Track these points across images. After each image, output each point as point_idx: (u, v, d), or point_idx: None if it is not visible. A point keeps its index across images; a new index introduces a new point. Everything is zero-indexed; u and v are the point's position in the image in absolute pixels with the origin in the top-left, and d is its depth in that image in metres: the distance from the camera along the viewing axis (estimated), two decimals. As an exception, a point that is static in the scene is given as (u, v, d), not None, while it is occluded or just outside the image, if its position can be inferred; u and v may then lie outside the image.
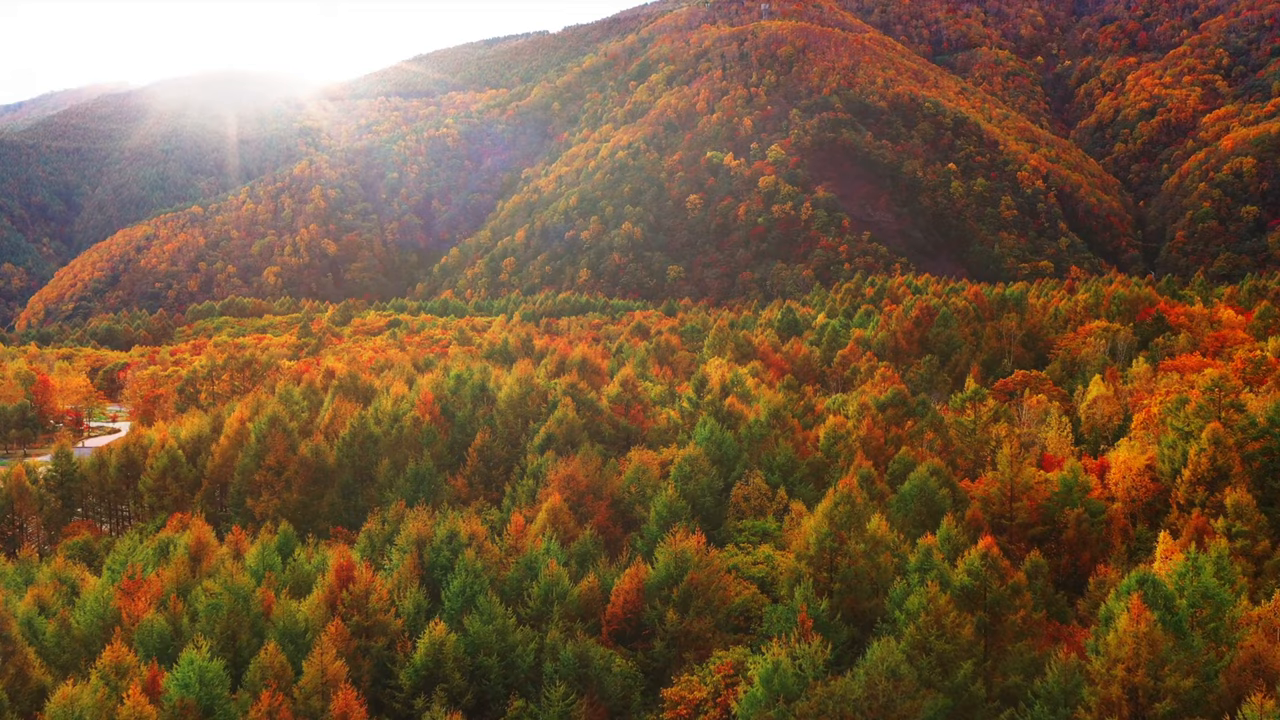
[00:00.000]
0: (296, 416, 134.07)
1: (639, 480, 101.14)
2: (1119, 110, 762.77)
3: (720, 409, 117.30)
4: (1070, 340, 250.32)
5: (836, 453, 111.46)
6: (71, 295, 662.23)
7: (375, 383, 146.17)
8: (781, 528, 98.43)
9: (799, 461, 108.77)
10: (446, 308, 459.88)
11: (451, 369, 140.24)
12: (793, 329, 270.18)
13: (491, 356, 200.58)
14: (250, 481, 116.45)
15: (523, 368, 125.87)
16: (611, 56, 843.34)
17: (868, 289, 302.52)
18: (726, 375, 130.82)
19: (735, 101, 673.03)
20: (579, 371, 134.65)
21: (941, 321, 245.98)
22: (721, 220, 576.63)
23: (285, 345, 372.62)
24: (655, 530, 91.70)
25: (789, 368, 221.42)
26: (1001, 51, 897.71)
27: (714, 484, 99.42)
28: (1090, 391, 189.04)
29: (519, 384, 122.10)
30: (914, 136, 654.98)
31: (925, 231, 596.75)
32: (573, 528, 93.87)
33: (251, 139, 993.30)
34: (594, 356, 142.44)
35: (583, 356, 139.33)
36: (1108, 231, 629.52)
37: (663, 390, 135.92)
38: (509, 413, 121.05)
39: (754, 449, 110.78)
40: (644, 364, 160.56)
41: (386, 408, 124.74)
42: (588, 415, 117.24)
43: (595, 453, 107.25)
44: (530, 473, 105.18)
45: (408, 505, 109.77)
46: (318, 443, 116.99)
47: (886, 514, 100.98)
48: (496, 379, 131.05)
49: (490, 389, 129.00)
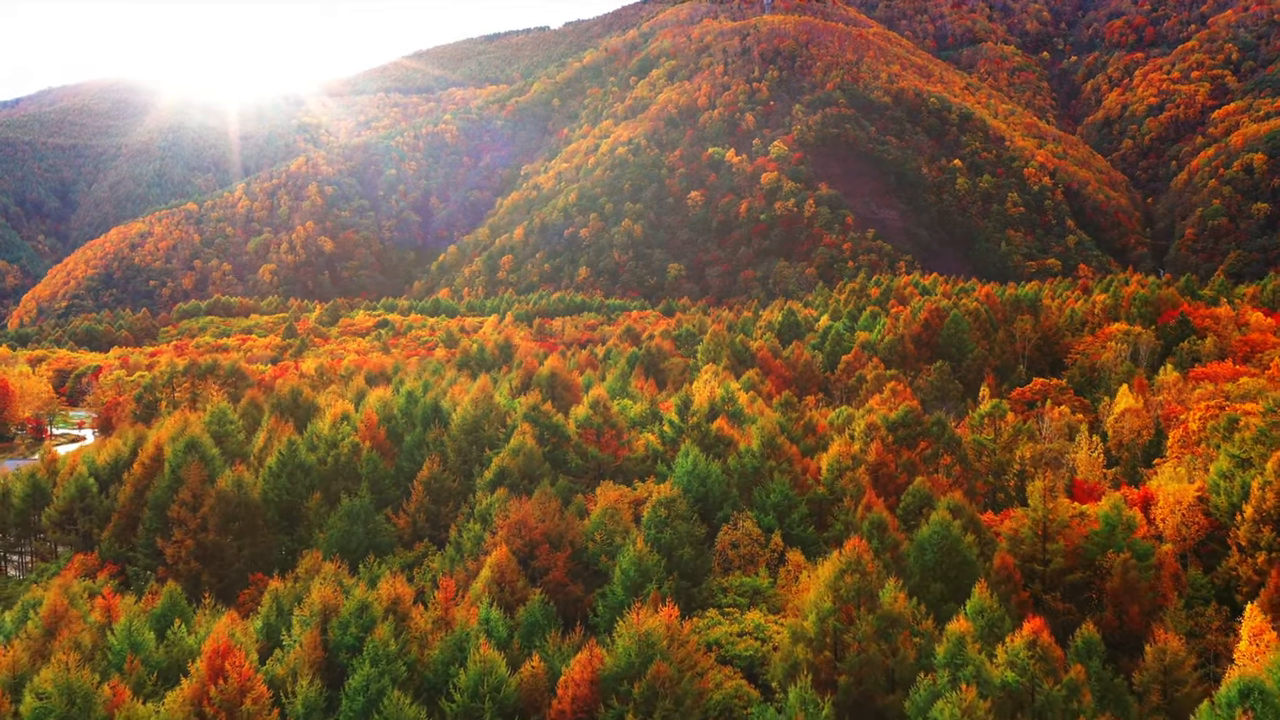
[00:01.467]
0: (229, 439, 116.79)
1: (606, 526, 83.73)
2: (1127, 106, 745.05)
3: (707, 434, 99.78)
4: (1089, 344, 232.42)
5: (842, 489, 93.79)
6: (65, 293, 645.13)
7: (319, 400, 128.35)
8: (775, 584, 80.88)
9: (797, 498, 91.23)
10: (438, 307, 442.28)
11: (404, 384, 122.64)
12: (794, 332, 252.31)
13: (467, 364, 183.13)
14: (161, 518, 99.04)
15: (482, 384, 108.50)
16: (612, 52, 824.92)
17: (873, 289, 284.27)
18: (716, 392, 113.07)
19: (737, 97, 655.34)
20: (547, 388, 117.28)
21: (952, 324, 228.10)
22: (723, 217, 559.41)
23: (269, 347, 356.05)
24: (620, 594, 74.39)
25: (790, 375, 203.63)
26: (1007, 47, 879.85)
27: (694, 531, 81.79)
28: (1118, 403, 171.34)
29: (475, 404, 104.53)
30: (919, 132, 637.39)
31: (930, 229, 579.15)
32: (521, 588, 76.45)
33: (250, 136, 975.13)
34: (564, 370, 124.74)
35: (551, 371, 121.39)
36: (1116, 229, 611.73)
37: (644, 409, 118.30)
38: (462, 438, 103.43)
39: (745, 484, 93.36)
40: (625, 378, 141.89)
41: (323, 431, 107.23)
42: (552, 442, 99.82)
43: (555, 491, 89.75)
44: (478, 515, 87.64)
45: (341, 549, 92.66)
46: (239, 474, 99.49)
47: (902, 566, 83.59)
48: (453, 397, 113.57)
49: (445, 409, 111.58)
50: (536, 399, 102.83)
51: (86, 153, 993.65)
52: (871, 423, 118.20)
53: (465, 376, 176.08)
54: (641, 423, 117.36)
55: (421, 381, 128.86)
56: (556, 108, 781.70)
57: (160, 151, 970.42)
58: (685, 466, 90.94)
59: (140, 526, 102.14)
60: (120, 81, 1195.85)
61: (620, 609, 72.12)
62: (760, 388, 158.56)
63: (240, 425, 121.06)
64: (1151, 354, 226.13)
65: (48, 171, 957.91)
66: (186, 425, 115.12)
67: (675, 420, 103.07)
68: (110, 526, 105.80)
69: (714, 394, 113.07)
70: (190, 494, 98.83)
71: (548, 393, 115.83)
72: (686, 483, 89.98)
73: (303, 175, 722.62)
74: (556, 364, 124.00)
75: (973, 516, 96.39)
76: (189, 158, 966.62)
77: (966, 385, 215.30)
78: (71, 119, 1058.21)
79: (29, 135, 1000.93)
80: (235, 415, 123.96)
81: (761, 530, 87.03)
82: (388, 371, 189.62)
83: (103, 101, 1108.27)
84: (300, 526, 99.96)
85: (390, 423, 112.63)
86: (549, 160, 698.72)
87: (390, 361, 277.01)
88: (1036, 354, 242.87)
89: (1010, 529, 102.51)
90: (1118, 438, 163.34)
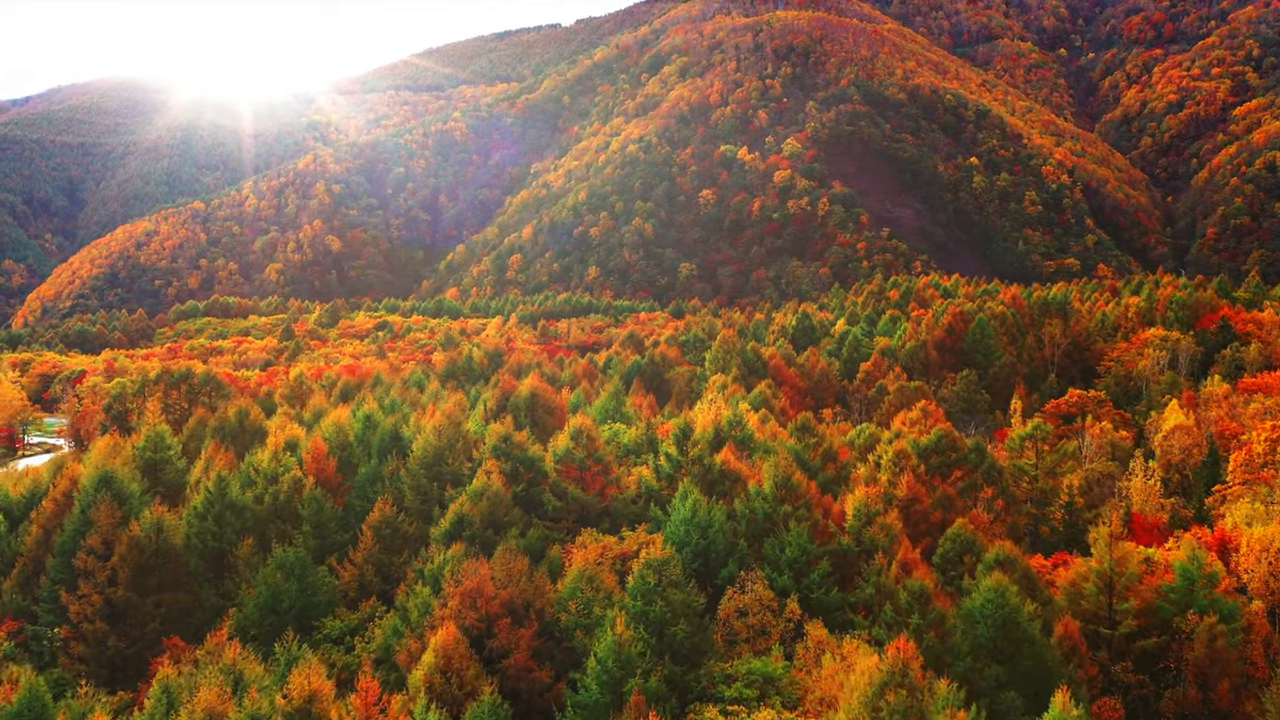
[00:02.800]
0: (166, 468, 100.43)
1: (582, 592, 67.29)
2: (1146, 103, 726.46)
3: (710, 469, 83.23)
4: (1123, 351, 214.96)
5: (870, 539, 77.06)
6: (70, 293, 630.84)
7: (268, 424, 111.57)
8: (791, 668, 64.28)
9: (818, 550, 74.68)
10: (441, 309, 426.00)
11: (365, 404, 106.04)
12: (809, 337, 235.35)
13: (454, 374, 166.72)
14: (67, 568, 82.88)
15: (449, 407, 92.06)
16: (623, 48, 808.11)
17: (892, 291, 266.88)
18: (722, 414, 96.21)
19: (750, 94, 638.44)
20: (525, 411, 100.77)
21: (977, 330, 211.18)
22: (735, 216, 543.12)
23: (264, 349, 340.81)
24: (596, 692, 58.03)
25: (804, 385, 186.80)
26: (1023, 44, 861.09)
27: (690, 601, 65.12)
28: (1166, 419, 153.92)
29: (437, 433, 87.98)
30: (935, 130, 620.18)
31: (946, 228, 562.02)
32: (472, 679, 59.77)
33: (260, 134, 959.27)
34: (547, 390, 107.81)
35: (532, 391, 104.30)
36: (1136, 228, 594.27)
37: (639, 436, 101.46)
38: (422, 474, 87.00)
39: (755, 534, 76.86)
40: (619, 397, 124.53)
41: (262, 463, 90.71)
42: (527, 479, 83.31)
43: (525, 544, 73.40)
44: (429, 575, 71.18)
45: (270, 610, 76.44)
46: (159, 516, 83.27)
47: (948, 643, 67.06)
48: (416, 422, 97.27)
49: (406, 437, 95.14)
50: (508, 428, 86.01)
51: (95, 151, 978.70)
52: (901, 450, 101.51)
53: (450, 388, 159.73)
54: (636, 450, 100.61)
55: (388, 400, 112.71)
56: (567, 105, 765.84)
57: (169, 150, 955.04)
58: (683, 513, 74.38)
59: (44, 577, 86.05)
60: (129, 80, 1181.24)
61: (595, 713, 55.93)
62: (773, 403, 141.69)
63: (179, 451, 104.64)
64: (1191, 361, 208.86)
65: (55, 170, 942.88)
66: (115, 451, 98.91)
67: (673, 453, 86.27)
68: (14, 575, 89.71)
69: (719, 417, 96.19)
70: (100, 539, 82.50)
71: (526, 417, 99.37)
72: (683, 534, 73.43)
73: (310, 173, 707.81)
74: (537, 383, 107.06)
75: (1027, 571, 79.88)
76: (198, 156, 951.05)
77: (993, 395, 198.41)
78: (80, 117, 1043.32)
79: (37, 133, 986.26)
80: (177, 439, 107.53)
81: (774, 593, 70.43)
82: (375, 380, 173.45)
83: (111, 100, 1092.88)
84: (229, 579, 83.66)
85: (345, 452, 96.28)
86: (559, 158, 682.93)
87: (384, 366, 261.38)
88: (1066, 361, 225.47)
89: (1069, 581, 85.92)
90: (1166, 458, 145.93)
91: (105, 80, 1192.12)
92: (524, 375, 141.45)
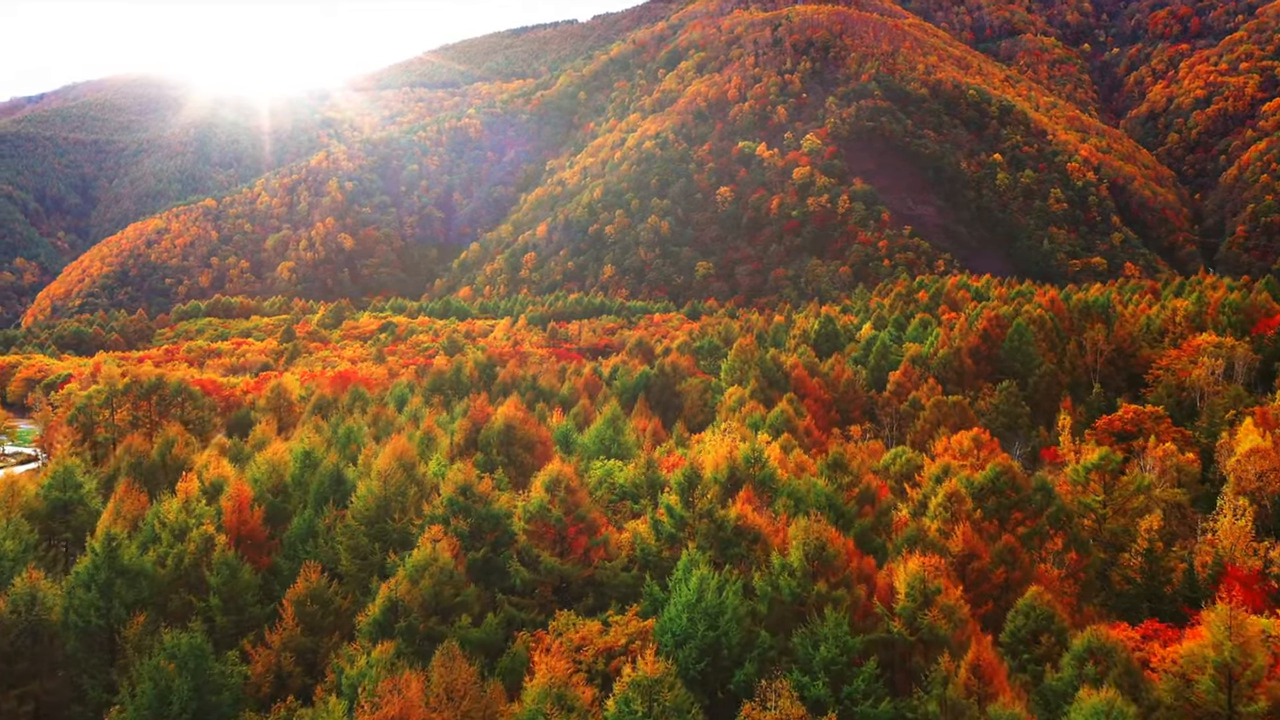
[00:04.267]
0: (74, 512, 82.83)
1: (548, 711, 49.24)
2: (1172, 99, 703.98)
3: (722, 527, 64.94)
4: (1174, 359, 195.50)
5: (929, 628, 58.69)
6: (79, 291, 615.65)
7: (196, 459, 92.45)
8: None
9: (860, 644, 56.55)
10: (448, 309, 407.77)
11: (300, 443, 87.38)
12: (832, 342, 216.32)
13: (440, 388, 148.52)
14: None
15: (400, 444, 73.83)
16: (640, 44, 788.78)
17: (920, 293, 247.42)
18: (737, 451, 77.89)
19: (768, 89, 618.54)
20: (499, 446, 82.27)
21: (1015, 335, 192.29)
22: (753, 214, 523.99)
23: (263, 351, 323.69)
24: None
25: (829, 397, 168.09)
26: (1047, 39, 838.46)
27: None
28: (1240, 440, 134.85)
29: (384, 479, 69.92)
30: (957, 125, 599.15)
31: (969, 226, 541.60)
32: None
33: (273, 131, 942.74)
34: (526, 421, 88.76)
35: (507, 423, 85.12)
36: (1163, 226, 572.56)
37: (637, 475, 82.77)
38: (361, 532, 68.73)
39: (779, 621, 58.74)
40: (616, 423, 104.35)
41: (169, 515, 72.70)
42: (489, 541, 65.16)
43: (472, 642, 55.31)
44: (345, 686, 53.16)
45: (155, 714, 58.55)
46: (34, 583, 65.56)
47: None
48: (366, 460, 79.08)
49: (350, 480, 77.02)
50: (468, 476, 67.69)
51: (108, 149, 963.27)
52: (953, 492, 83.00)
53: (437, 403, 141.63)
54: (634, 494, 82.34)
55: (344, 426, 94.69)
56: (583, 101, 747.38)
57: (183, 147, 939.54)
58: (686, 595, 56.20)
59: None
60: (143, 77, 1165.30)
61: None
62: (796, 423, 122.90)
63: (95, 488, 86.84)
64: (1249, 370, 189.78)
65: (69, 167, 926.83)
66: (11, 493, 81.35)
67: (676, 507, 67.80)
68: None
69: (734, 453, 77.87)
70: (-45, 614, 64.90)
71: (500, 453, 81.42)
72: (686, 625, 55.25)
73: (323, 171, 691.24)
74: (514, 413, 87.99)
75: (1128, 665, 61.55)
76: (211, 153, 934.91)
77: (1034, 407, 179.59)
78: (94, 114, 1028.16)
79: (50, 130, 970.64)
80: (99, 471, 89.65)
81: (806, 706, 52.31)
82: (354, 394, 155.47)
83: (125, 97, 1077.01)
84: (114, 667, 65.81)
85: (279, 497, 78.29)
86: (574, 155, 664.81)
87: (382, 372, 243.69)
88: (1110, 369, 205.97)
89: (1175, 670, 67.58)
90: (1240, 485, 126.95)
91: (119, 77, 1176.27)
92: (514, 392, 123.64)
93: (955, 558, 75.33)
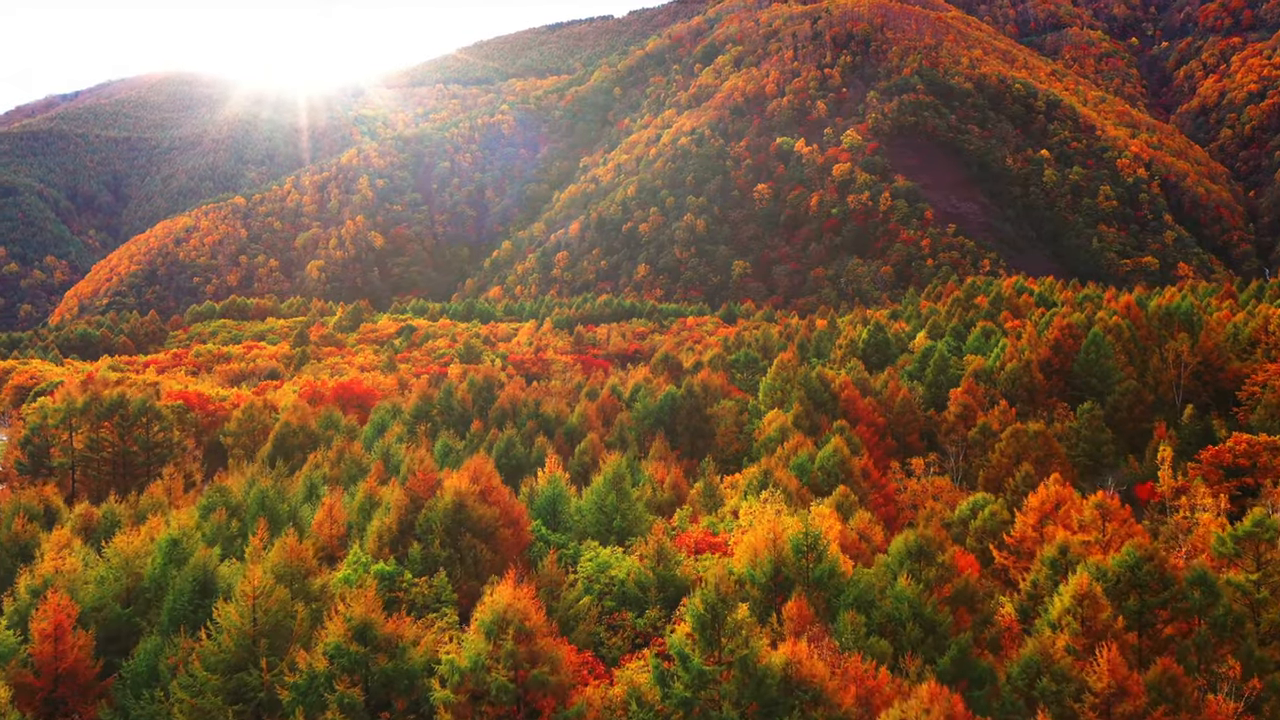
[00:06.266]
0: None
1: None
2: (1224, 93, 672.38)
3: (764, 682, 41.50)
4: (1272, 374, 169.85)
5: None
6: (106, 290, 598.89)
7: (46, 537, 67.85)
8: None
9: None
10: (471, 311, 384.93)
11: (165, 527, 63.09)
12: (883, 353, 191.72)
13: (426, 414, 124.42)
14: None
15: (288, 547, 49.37)
16: (676, 38, 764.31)
17: (979, 297, 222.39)
18: (784, 539, 54.54)
19: (807, 84, 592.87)
20: (446, 534, 57.77)
21: (1092, 347, 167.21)
22: (792, 212, 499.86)
23: (276, 356, 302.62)
24: None
25: (883, 421, 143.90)
26: (1093, 32, 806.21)
27: None
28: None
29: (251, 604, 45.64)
30: (1003, 121, 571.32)
31: (1015, 224, 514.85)
32: None
33: (307, 128, 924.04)
34: (492, 495, 63.77)
35: (457, 501, 59.04)
36: (1217, 224, 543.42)
37: (643, 572, 58.06)
38: (211, 685, 44.09)
39: None
40: (620, 483, 77.83)
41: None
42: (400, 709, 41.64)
43: None
44: None
45: None
46: None
47: None
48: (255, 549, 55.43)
49: (221, 581, 53.33)
50: (367, 607, 43.81)
51: (140, 146, 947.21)
52: (1083, 592, 59.05)
53: (423, 433, 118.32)
54: (638, 598, 58.49)
55: (253, 492, 71.44)
56: (618, 97, 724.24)
57: (214, 145, 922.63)
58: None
59: None
60: (175, 74, 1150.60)
61: None
62: (852, 467, 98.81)
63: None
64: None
65: (101, 165, 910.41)
66: None
67: (693, 657, 43.55)
68: None
69: (778, 542, 54.47)
70: None
71: (446, 545, 58.15)
72: None
73: (353, 168, 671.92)
74: (467, 485, 62.78)
75: None
76: (243, 150, 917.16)
77: (1114, 429, 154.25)
78: (126, 111, 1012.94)
79: (82, 128, 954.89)
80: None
81: None
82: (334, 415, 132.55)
83: (158, 94, 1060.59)
84: None
85: (129, 609, 55.14)
86: (608, 152, 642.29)
87: (391, 382, 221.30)
88: (1194, 385, 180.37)
89: None
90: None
91: (152, 75, 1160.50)
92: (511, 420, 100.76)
93: (1100, 698, 51.64)
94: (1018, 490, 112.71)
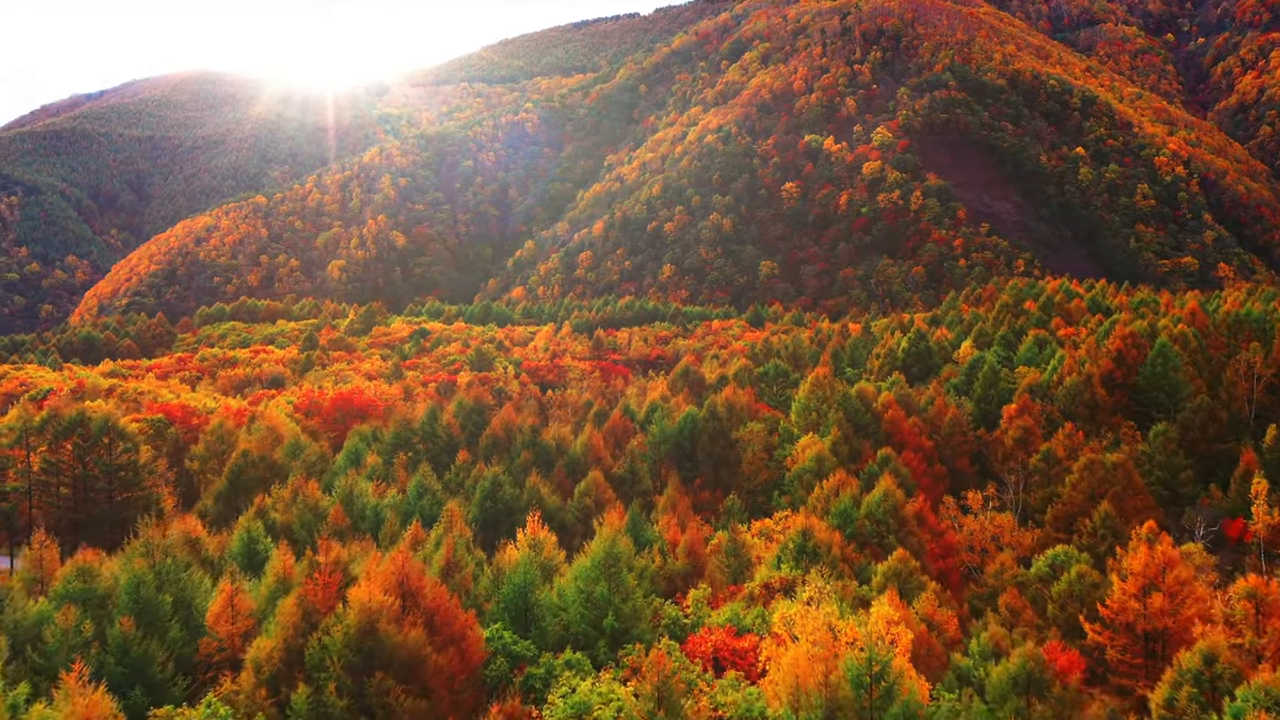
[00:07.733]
0: None
1: None
2: (1264, 89, 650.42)
3: None
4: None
5: None
6: (126, 290, 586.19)
7: None
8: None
9: None
10: (488, 314, 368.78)
11: None
12: (925, 363, 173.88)
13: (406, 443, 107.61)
14: None
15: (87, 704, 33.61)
16: (702, 35, 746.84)
17: (1028, 302, 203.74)
18: (835, 667, 37.76)
19: (837, 80, 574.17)
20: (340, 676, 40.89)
21: (1159, 358, 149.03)
22: (820, 211, 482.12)
23: (283, 361, 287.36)
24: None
25: (930, 444, 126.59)
26: (1128, 28, 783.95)
27: None
28: None
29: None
30: (1037, 118, 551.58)
31: (1050, 223, 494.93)
32: None
33: (331, 126, 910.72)
34: (433, 601, 46.54)
35: (364, 621, 40.90)
36: (1258, 224, 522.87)
37: (640, 705, 41.64)
38: None
39: None
40: (614, 564, 61.74)
41: None
42: None
43: None
44: None
45: None
46: None
47: None
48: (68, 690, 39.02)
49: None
50: None
51: (164, 145, 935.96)
52: None
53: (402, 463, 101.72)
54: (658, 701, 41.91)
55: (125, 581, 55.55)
56: (642, 95, 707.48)
57: (237, 143, 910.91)
58: None
59: None
60: (199, 73, 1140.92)
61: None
62: (907, 518, 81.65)
63: None
64: None
65: (123, 164, 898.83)
66: None
67: None
68: None
69: (830, 671, 37.66)
70: None
71: (348, 687, 40.99)
72: None
73: (376, 167, 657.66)
74: (378, 599, 42.75)
75: None
76: (266, 149, 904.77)
77: (1185, 451, 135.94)
78: (149, 110, 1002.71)
79: (106, 127, 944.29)
80: None
81: None
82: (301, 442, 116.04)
83: (181, 93, 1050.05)
84: None
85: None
86: (633, 150, 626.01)
87: (396, 391, 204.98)
88: (1269, 399, 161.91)
89: None
90: None
91: (176, 74, 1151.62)
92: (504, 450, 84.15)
93: None
94: (1096, 534, 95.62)
